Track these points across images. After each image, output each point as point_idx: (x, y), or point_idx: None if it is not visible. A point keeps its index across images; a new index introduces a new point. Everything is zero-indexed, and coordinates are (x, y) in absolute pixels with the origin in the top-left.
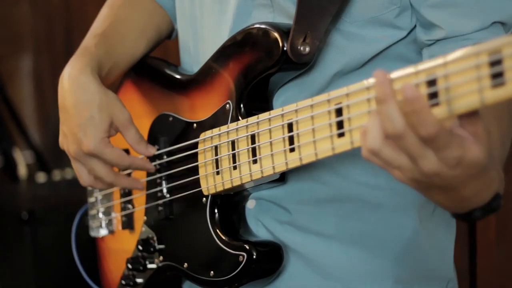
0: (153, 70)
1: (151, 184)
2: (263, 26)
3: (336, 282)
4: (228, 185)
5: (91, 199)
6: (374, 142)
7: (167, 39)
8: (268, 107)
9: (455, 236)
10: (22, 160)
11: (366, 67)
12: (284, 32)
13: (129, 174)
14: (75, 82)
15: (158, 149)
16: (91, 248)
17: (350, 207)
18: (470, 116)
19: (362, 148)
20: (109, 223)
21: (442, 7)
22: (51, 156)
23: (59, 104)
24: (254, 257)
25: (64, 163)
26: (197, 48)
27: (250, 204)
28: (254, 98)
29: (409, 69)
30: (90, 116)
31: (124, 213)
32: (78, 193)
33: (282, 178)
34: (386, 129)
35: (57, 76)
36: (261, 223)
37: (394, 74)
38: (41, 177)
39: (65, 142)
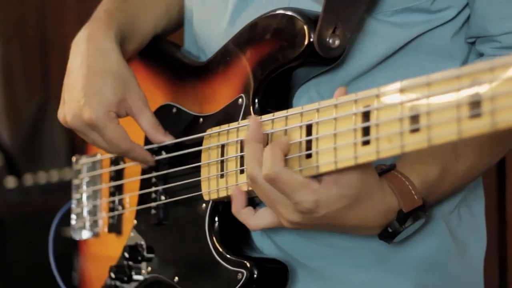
0: (160, 53)
1: (145, 184)
2: (288, 13)
3: None
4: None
5: (77, 195)
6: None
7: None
8: (286, 105)
9: (485, 249)
10: None
11: (395, 58)
12: (311, 20)
13: (119, 172)
14: (96, 46)
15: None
16: (70, 259)
17: None
18: None
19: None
20: (94, 224)
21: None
22: (22, 158)
23: (67, 68)
24: (255, 276)
25: (37, 166)
26: (200, 26)
27: None
28: (272, 94)
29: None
30: (102, 85)
31: (111, 214)
32: (53, 200)
33: None
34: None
35: (28, 68)
36: (265, 235)
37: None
38: (10, 182)
39: (62, 109)
